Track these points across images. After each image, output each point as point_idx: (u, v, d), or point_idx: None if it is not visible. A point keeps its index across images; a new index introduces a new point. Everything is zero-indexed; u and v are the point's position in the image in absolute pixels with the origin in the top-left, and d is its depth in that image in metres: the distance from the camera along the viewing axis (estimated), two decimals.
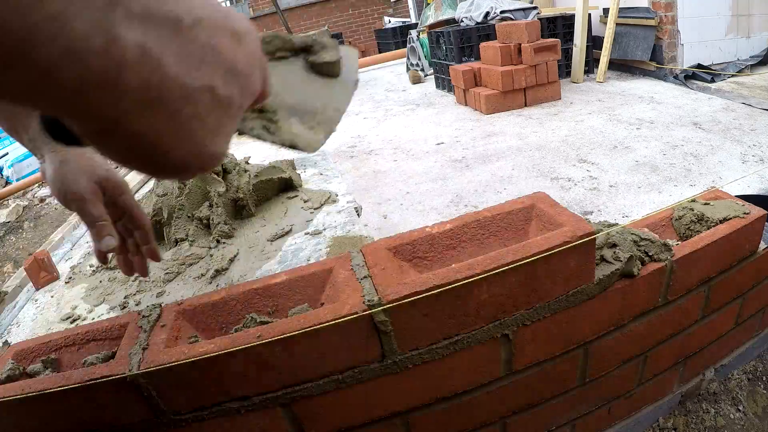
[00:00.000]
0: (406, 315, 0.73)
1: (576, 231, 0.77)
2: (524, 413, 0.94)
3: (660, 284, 0.91)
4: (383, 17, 10.63)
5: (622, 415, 1.10)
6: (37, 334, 1.31)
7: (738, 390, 1.22)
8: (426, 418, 0.86)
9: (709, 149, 2.65)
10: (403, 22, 9.35)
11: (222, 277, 1.36)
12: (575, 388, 0.96)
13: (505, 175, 2.73)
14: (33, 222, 4.42)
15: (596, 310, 0.86)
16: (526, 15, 4.55)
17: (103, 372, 0.71)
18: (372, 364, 0.77)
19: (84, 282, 1.54)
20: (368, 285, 0.77)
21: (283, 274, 0.87)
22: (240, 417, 0.77)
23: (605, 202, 2.25)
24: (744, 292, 1.07)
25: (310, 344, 0.72)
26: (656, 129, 3.08)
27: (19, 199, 5.25)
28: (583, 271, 0.80)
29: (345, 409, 0.81)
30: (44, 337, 0.86)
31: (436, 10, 5.96)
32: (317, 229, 1.48)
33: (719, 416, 1.16)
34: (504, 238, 0.89)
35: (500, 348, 0.83)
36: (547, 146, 3.06)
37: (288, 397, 0.76)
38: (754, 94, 3.46)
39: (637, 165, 2.59)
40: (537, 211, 0.89)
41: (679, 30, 4.09)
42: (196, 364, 0.69)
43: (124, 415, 0.74)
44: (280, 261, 1.36)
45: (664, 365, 1.07)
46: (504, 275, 0.74)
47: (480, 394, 0.87)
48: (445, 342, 0.78)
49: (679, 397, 1.18)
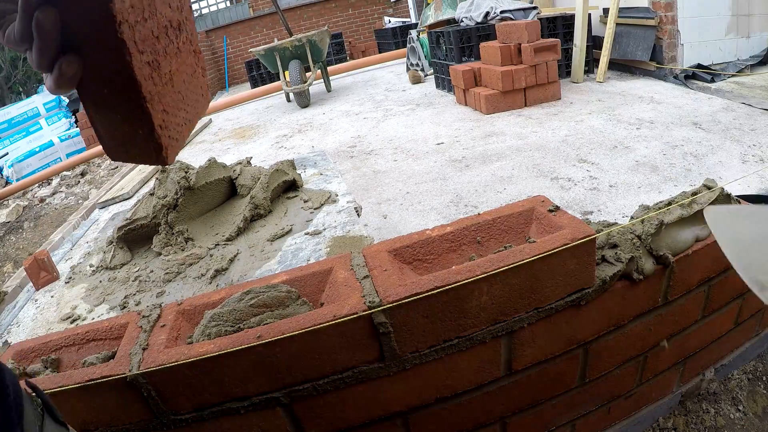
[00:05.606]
0: (406, 316, 0.73)
1: (576, 233, 0.77)
2: (524, 413, 0.95)
3: (660, 284, 0.91)
4: (383, 17, 10.63)
5: (622, 415, 1.10)
6: (37, 334, 1.31)
7: (738, 390, 1.22)
8: (426, 418, 0.86)
9: (709, 149, 2.65)
10: (403, 22, 9.35)
11: (222, 277, 1.36)
12: (575, 388, 0.96)
13: (505, 175, 2.73)
14: (33, 222, 4.42)
15: (596, 310, 0.86)
16: (526, 15, 4.55)
17: (103, 372, 0.71)
18: (372, 364, 0.77)
19: (84, 282, 1.54)
20: (368, 285, 0.77)
21: (283, 274, 0.87)
22: (240, 417, 0.77)
23: (605, 202, 2.25)
24: (744, 292, 1.07)
25: (310, 344, 0.72)
26: (656, 129, 3.08)
27: (19, 199, 5.25)
28: (582, 272, 0.81)
29: (345, 409, 0.81)
30: (44, 337, 0.86)
31: (436, 10, 5.96)
32: (317, 229, 1.48)
33: (719, 416, 1.16)
34: (504, 240, 0.89)
35: (500, 348, 0.83)
36: (547, 146, 3.06)
37: (288, 397, 0.76)
38: (754, 94, 3.46)
39: (637, 165, 2.59)
40: (537, 213, 0.89)
41: (679, 30, 4.09)
42: (196, 364, 0.70)
43: (124, 415, 0.74)
44: (280, 261, 1.36)
45: (664, 365, 1.07)
46: (504, 277, 0.74)
47: (480, 394, 0.87)
48: (445, 343, 0.78)
49: (679, 397, 1.18)
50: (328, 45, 6.59)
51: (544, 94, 4.00)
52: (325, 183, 1.86)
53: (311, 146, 4.10)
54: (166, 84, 0.47)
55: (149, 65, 0.43)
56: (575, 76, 4.57)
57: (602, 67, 4.41)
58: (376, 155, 3.51)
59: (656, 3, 4.08)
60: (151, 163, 0.46)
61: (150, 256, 1.56)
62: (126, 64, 0.40)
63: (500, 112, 3.95)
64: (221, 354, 0.69)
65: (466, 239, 0.89)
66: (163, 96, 0.46)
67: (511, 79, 3.82)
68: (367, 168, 3.27)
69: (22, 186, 5.44)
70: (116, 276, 1.50)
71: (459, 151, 3.24)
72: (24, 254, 3.72)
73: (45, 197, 4.98)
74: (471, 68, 4.21)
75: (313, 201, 1.68)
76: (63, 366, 0.82)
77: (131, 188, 3.16)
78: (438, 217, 2.38)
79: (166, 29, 0.47)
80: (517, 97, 3.94)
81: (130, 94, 0.41)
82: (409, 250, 0.87)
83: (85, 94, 0.42)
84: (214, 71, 10.58)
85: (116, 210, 2.50)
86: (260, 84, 8.27)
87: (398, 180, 2.95)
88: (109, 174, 5.32)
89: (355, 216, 1.55)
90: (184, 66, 0.52)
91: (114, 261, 1.56)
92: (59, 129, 7.72)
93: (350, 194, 1.74)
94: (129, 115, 0.43)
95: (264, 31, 10.91)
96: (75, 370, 0.73)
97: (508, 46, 3.85)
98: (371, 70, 7.94)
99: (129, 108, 0.42)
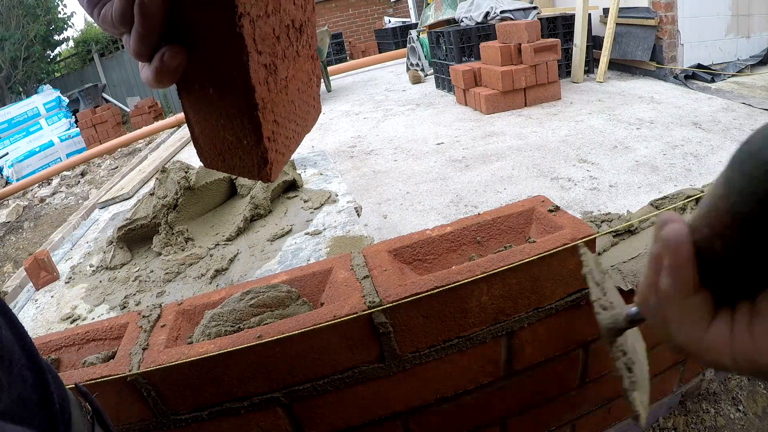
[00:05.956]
0: (406, 316, 0.73)
1: (576, 233, 0.77)
2: (524, 413, 0.94)
3: None
4: (383, 17, 10.63)
5: (622, 415, 1.10)
6: (37, 333, 1.31)
7: (738, 390, 1.22)
8: (426, 418, 0.86)
9: (709, 149, 2.65)
10: (403, 22, 9.35)
11: (222, 277, 1.36)
12: (575, 388, 0.96)
13: (505, 175, 2.73)
14: (33, 222, 4.42)
15: None
16: (526, 15, 4.55)
17: (103, 372, 0.71)
18: (372, 364, 0.77)
19: (84, 282, 1.54)
20: (368, 285, 0.77)
21: (283, 274, 0.87)
22: (240, 417, 0.77)
23: (605, 202, 2.25)
24: None
25: (310, 344, 0.72)
26: (656, 129, 3.08)
27: (19, 199, 5.25)
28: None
29: (345, 409, 0.81)
30: (44, 337, 0.86)
31: (436, 10, 5.96)
32: (317, 229, 1.48)
33: (719, 416, 1.16)
34: (504, 240, 0.89)
35: (500, 348, 0.83)
36: (547, 146, 3.06)
37: (288, 397, 0.76)
38: (754, 94, 3.46)
39: (637, 165, 2.59)
40: (537, 213, 0.89)
41: (679, 30, 4.09)
42: (196, 364, 0.70)
43: (124, 415, 0.74)
44: (280, 261, 1.37)
45: (664, 365, 1.07)
46: (504, 277, 0.74)
47: (480, 394, 0.87)
48: (445, 343, 0.78)
49: (680, 397, 1.18)
50: (328, 45, 6.59)
51: (544, 94, 4.00)
52: (325, 183, 1.86)
53: (311, 146, 4.10)
54: (280, 91, 0.41)
55: (266, 68, 0.38)
56: (575, 76, 4.57)
57: (602, 67, 4.41)
58: (376, 155, 3.52)
59: (656, 3, 4.08)
60: (251, 177, 0.42)
61: (150, 256, 1.56)
62: (242, 64, 0.35)
63: (500, 112, 3.95)
64: (221, 354, 0.69)
65: (466, 239, 0.89)
66: (276, 104, 0.41)
67: (511, 79, 3.82)
68: (367, 168, 3.27)
69: (22, 186, 5.44)
70: (116, 276, 1.50)
71: (459, 151, 3.24)
72: (24, 254, 3.73)
73: (45, 197, 4.98)
74: (471, 68, 4.21)
75: (313, 201, 1.68)
76: (63, 366, 0.82)
77: (131, 188, 3.16)
78: (438, 217, 2.38)
79: (287, 29, 0.41)
80: (517, 97, 3.94)
81: (241, 99, 0.37)
82: (409, 250, 0.87)
83: (186, 91, 0.38)
84: None
85: (116, 210, 2.50)
86: None
87: (398, 180, 2.95)
88: (109, 174, 5.33)
89: (355, 216, 1.55)
90: (300, 72, 0.46)
91: (114, 261, 1.56)
92: (59, 129, 7.72)
93: (350, 194, 1.74)
94: (235, 122, 0.38)
95: None
96: (75, 370, 0.73)
97: (508, 46, 3.85)
98: (371, 70, 7.94)
99: (237, 114, 0.37)
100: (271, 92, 0.39)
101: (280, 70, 0.40)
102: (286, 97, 0.42)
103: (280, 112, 0.41)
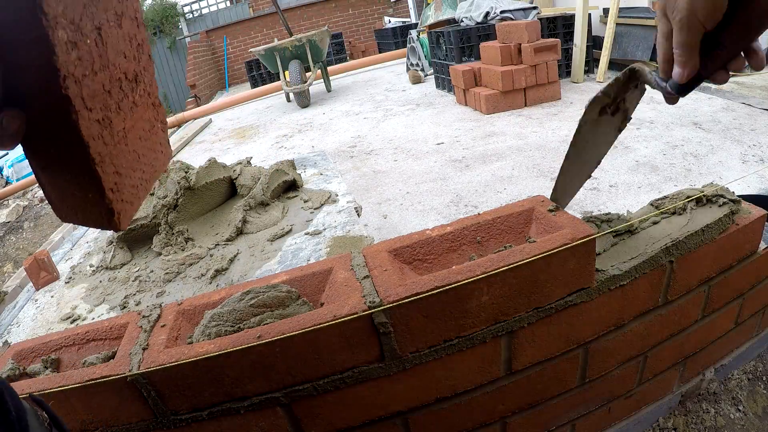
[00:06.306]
0: (406, 316, 0.73)
1: (576, 233, 0.77)
2: (524, 413, 0.95)
3: (660, 284, 0.91)
4: (383, 17, 10.63)
5: (622, 415, 1.10)
6: (37, 334, 1.31)
7: (738, 390, 1.22)
8: (426, 418, 0.86)
9: (709, 149, 2.65)
10: (403, 22, 9.35)
11: (222, 277, 1.36)
12: (575, 388, 0.96)
13: (505, 175, 2.73)
14: (33, 222, 4.42)
15: (596, 310, 0.86)
16: (526, 15, 4.55)
17: (103, 372, 0.71)
18: (372, 364, 0.77)
19: (84, 282, 1.54)
20: (368, 285, 0.77)
21: (283, 274, 0.87)
22: (240, 417, 0.77)
23: (605, 202, 2.25)
24: (744, 292, 1.07)
25: (310, 344, 0.72)
26: (656, 129, 3.08)
27: (19, 199, 5.25)
28: (582, 272, 0.81)
29: (345, 409, 0.81)
30: (44, 337, 0.87)
31: (436, 10, 5.97)
32: (317, 229, 1.48)
33: (719, 416, 1.16)
34: (504, 240, 0.89)
35: (500, 348, 0.83)
36: (547, 146, 3.06)
37: (288, 397, 0.76)
38: (754, 94, 3.46)
39: (637, 165, 2.59)
40: (537, 213, 0.89)
41: None
42: (196, 364, 0.70)
43: (124, 415, 0.75)
44: (280, 261, 1.37)
45: (664, 365, 1.07)
46: (504, 277, 0.74)
47: (480, 394, 0.87)
48: (445, 343, 0.78)
49: (679, 397, 1.18)
50: (328, 45, 6.60)
51: (544, 94, 4.00)
52: (325, 183, 1.86)
53: (311, 146, 4.10)
54: (119, 143, 0.42)
55: (99, 123, 0.39)
56: (575, 76, 4.57)
57: (602, 67, 4.41)
58: (376, 155, 3.52)
59: (656, 3, 4.08)
60: (102, 227, 0.43)
61: (150, 256, 1.56)
62: (72, 123, 0.36)
63: (500, 112, 3.95)
64: (221, 354, 0.69)
65: (466, 239, 0.89)
66: (116, 156, 0.42)
67: (511, 79, 3.82)
68: (367, 168, 3.27)
69: (22, 186, 5.44)
70: (116, 276, 1.50)
71: (459, 151, 3.24)
72: (24, 254, 3.73)
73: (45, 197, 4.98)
74: (471, 68, 4.21)
75: (313, 201, 1.68)
76: (63, 366, 0.82)
77: None
78: (438, 217, 2.38)
79: (119, 82, 0.43)
80: (517, 97, 3.94)
81: (78, 155, 0.38)
82: (409, 250, 0.87)
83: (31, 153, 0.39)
84: (214, 71, 10.58)
85: None
86: (260, 84, 8.28)
87: (398, 180, 2.95)
88: None
89: (355, 216, 1.55)
90: (140, 122, 0.47)
91: (114, 261, 1.56)
92: None
93: (350, 194, 1.74)
94: (79, 178, 0.39)
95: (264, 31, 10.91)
96: (75, 370, 0.73)
97: (508, 46, 3.85)
98: (371, 70, 7.94)
99: (77, 170, 0.38)
100: (107, 145, 0.40)
101: (115, 123, 0.42)
102: (126, 147, 0.44)
103: (121, 163, 0.42)
